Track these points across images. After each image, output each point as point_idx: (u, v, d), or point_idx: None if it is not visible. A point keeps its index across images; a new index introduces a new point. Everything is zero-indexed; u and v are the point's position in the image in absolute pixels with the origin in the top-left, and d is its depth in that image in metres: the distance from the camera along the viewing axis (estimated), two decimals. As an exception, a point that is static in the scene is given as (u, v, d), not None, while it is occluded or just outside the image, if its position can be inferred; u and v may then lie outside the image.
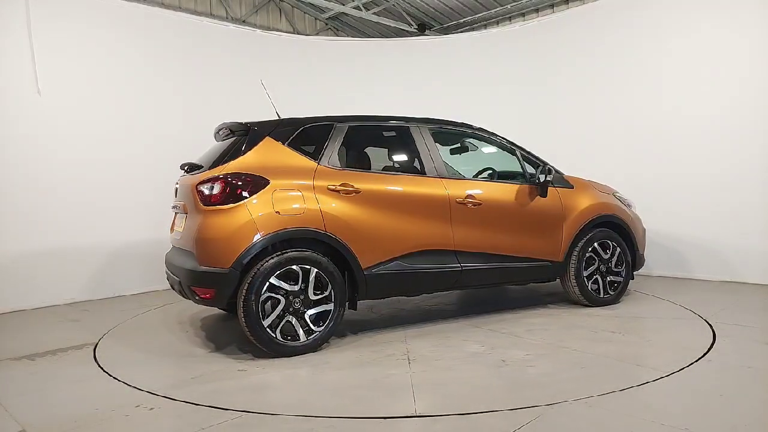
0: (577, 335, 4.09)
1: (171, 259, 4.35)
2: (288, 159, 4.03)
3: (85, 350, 4.17)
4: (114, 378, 3.51)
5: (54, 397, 3.24)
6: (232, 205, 3.75)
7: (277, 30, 10.66)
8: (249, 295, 3.67)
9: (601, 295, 4.96)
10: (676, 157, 6.44)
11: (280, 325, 3.75)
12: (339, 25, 12.06)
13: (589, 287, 4.90)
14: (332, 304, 3.91)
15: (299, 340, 3.81)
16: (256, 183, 3.82)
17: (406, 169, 4.65)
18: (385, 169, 4.59)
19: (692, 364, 3.41)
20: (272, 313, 3.73)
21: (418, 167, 4.46)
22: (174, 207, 4.51)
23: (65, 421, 2.84)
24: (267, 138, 4.05)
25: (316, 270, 3.84)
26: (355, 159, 4.57)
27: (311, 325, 3.85)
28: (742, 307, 4.93)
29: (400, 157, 4.83)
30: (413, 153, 4.52)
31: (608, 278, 4.99)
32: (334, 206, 3.96)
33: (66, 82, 6.18)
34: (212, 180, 3.84)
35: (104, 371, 3.66)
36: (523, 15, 10.22)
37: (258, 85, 4.93)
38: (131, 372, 3.60)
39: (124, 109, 6.56)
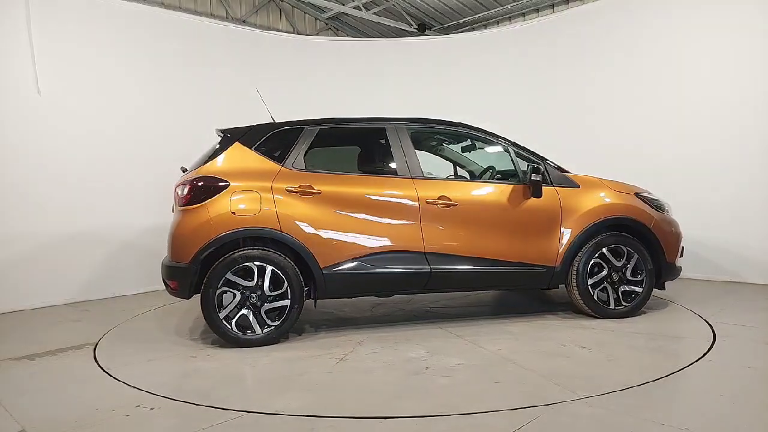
0: (537, 348, 3.83)
1: None
2: (252, 162, 4.27)
3: (85, 350, 4.17)
4: (114, 378, 3.51)
5: (54, 397, 3.24)
6: (197, 205, 4.09)
7: (277, 30, 10.65)
8: (207, 288, 3.98)
9: (612, 307, 4.49)
10: (677, 157, 6.44)
11: (235, 318, 4.01)
12: (339, 25, 12.05)
13: (596, 297, 4.47)
14: (288, 300, 4.06)
15: (254, 333, 4.03)
16: (216, 185, 4.11)
17: (377, 169, 4.63)
18: (357, 170, 4.60)
19: (692, 364, 3.41)
20: (228, 305, 4.01)
21: (391, 168, 4.45)
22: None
23: (65, 421, 2.84)
24: (236, 143, 4.33)
25: (271, 268, 4.03)
26: (324, 161, 4.62)
27: (267, 320, 4.06)
28: (742, 307, 4.93)
29: (372, 158, 4.79)
30: (386, 154, 4.50)
31: (622, 288, 4.51)
32: (291, 207, 4.13)
33: (66, 81, 6.18)
34: (184, 183, 4.22)
35: (104, 371, 3.66)
36: (524, 15, 10.21)
37: (257, 84, 4.94)
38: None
39: (123, 109, 6.56)
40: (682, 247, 4.79)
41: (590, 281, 4.47)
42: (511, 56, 8.08)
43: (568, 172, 4.72)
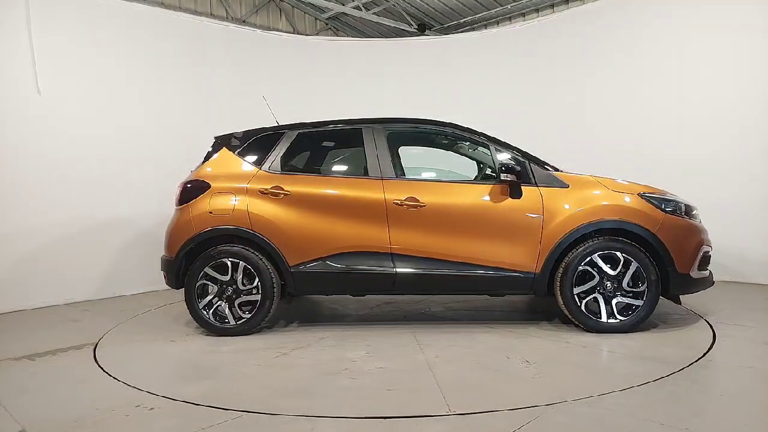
0: (478, 358, 3.66)
1: None
2: (234, 166, 4.59)
3: (85, 350, 4.17)
4: (114, 378, 3.51)
5: (54, 397, 3.24)
6: (184, 205, 4.53)
7: (277, 30, 10.66)
8: (189, 280, 4.38)
9: (603, 320, 4.09)
10: (677, 157, 6.43)
11: (212, 309, 4.38)
12: (339, 25, 12.06)
13: (583, 308, 4.11)
14: (259, 295, 4.32)
15: (229, 323, 4.37)
16: (200, 187, 4.51)
17: (350, 170, 4.69)
18: (331, 171, 4.67)
19: (692, 364, 3.41)
20: (206, 297, 4.39)
21: (363, 169, 4.48)
22: None
23: (65, 421, 2.84)
24: (223, 148, 4.69)
25: (244, 264, 4.33)
26: (300, 163, 4.74)
27: (240, 312, 4.37)
28: (742, 307, 4.93)
29: (347, 160, 4.84)
30: (360, 155, 4.55)
31: (617, 299, 4.10)
32: (262, 207, 4.37)
33: (66, 82, 6.18)
34: (179, 185, 4.64)
35: (104, 371, 3.66)
36: (524, 15, 10.22)
37: (257, 84, 4.97)
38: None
39: (123, 109, 6.55)
40: (705, 256, 4.26)
41: (577, 290, 4.12)
42: (511, 56, 8.08)
43: (559, 170, 4.38)
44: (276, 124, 4.82)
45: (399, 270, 4.26)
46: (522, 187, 4.20)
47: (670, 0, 6.66)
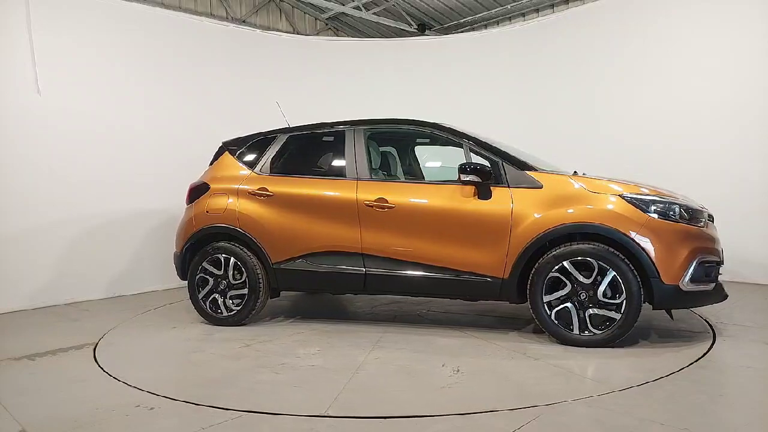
0: (412, 363, 3.58)
1: None
2: (231, 169, 4.91)
3: (85, 350, 4.17)
4: (114, 378, 3.51)
5: (54, 397, 3.24)
6: (190, 205, 4.96)
7: (277, 30, 10.65)
8: (191, 273, 4.76)
9: (576, 332, 3.76)
10: (676, 156, 6.44)
11: (208, 300, 4.72)
12: (339, 25, 12.05)
13: (553, 318, 3.82)
14: (247, 289, 4.60)
15: (222, 314, 4.69)
16: (201, 189, 4.91)
17: (330, 172, 4.73)
18: (314, 173, 4.73)
19: (692, 363, 3.41)
20: (204, 289, 4.73)
21: (342, 170, 4.54)
22: None
23: (65, 421, 2.84)
24: (225, 152, 5.03)
25: (234, 260, 4.62)
26: (288, 165, 4.85)
27: (231, 305, 4.68)
28: (742, 307, 4.92)
29: (328, 161, 4.89)
30: (341, 156, 4.62)
31: (591, 311, 3.73)
32: (249, 207, 4.66)
33: (66, 82, 6.18)
34: (190, 186, 5.04)
35: (104, 371, 3.66)
36: (524, 15, 10.21)
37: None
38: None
39: (123, 109, 6.55)
40: (703, 266, 3.74)
41: (547, 298, 3.83)
42: (511, 56, 8.08)
43: (536, 169, 4.04)
44: (288, 125, 4.95)
45: (369, 271, 4.32)
46: (492, 188, 4.01)
47: (670, 0, 6.66)
